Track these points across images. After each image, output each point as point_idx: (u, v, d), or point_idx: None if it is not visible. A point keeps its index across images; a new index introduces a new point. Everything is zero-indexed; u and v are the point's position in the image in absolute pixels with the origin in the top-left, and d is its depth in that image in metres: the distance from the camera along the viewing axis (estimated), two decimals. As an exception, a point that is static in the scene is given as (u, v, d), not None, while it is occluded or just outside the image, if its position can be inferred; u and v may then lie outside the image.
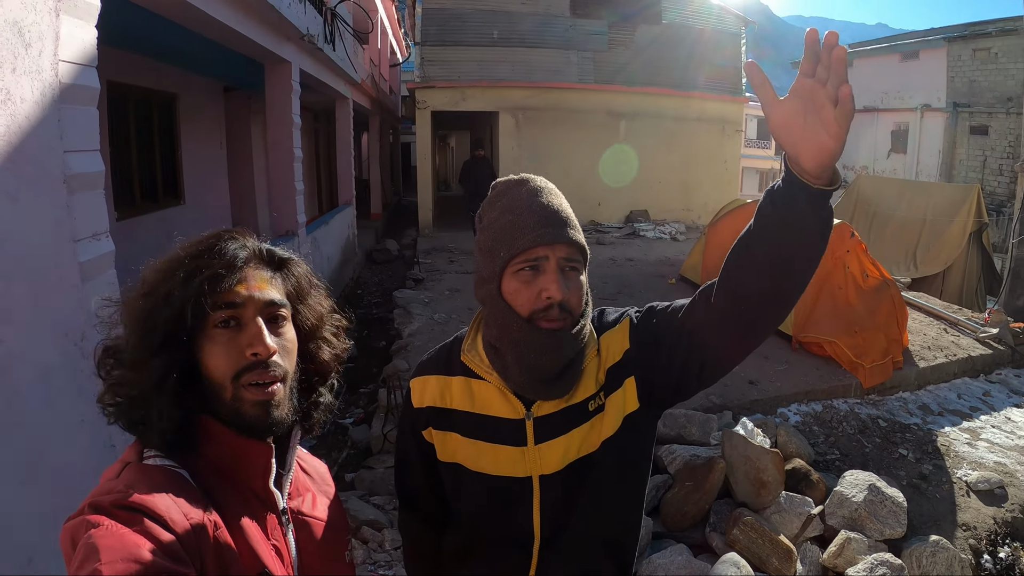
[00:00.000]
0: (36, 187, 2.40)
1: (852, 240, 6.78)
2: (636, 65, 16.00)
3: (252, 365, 1.03)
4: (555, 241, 1.27)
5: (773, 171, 34.07)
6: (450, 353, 1.49)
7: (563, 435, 1.36)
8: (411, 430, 1.50)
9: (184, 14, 4.66)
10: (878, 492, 3.86)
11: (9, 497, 2.10)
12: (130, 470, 0.96)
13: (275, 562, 1.04)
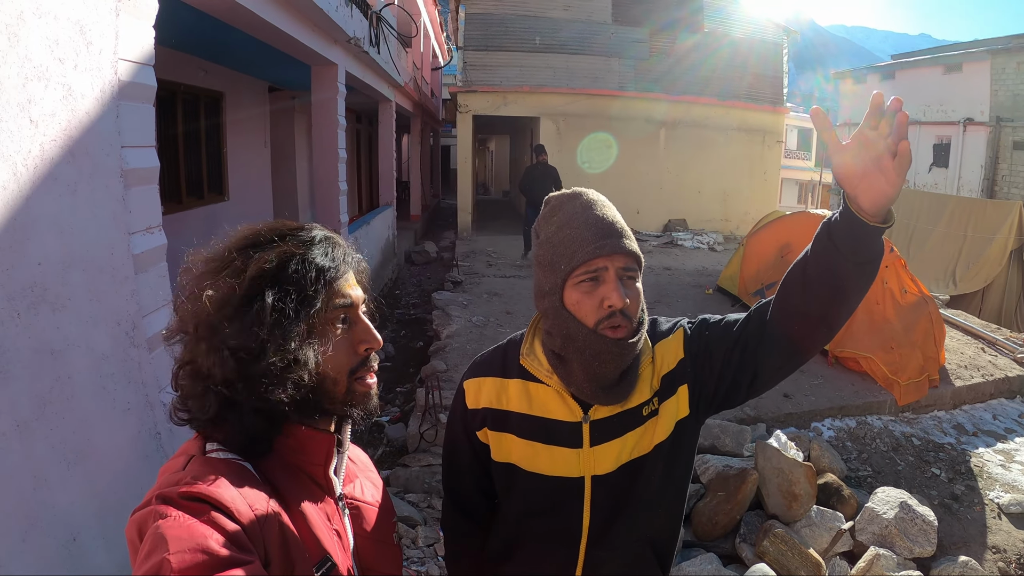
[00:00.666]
0: (94, 180, 2.49)
1: (891, 255, 6.68)
2: (677, 73, 15.93)
3: (364, 361, 1.08)
4: (613, 252, 1.32)
5: (813, 182, 33.59)
6: (505, 356, 1.53)
7: (618, 438, 1.41)
8: (464, 430, 1.54)
9: (237, 16, 4.78)
10: (909, 510, 3.81)
11: (57, 477, 2.17)
12: (195, 462, 0.97)
13: (336, 547, 1.07)
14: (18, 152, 2.05)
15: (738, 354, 1.38)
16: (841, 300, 1.25)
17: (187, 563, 0.77)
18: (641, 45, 15.86)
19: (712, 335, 1.44)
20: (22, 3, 2.05)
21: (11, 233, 2.02)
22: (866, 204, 1.15)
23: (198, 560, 0.78)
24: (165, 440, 2.87)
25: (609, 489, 1.42)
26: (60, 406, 2.23)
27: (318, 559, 1.01)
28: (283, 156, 10.99)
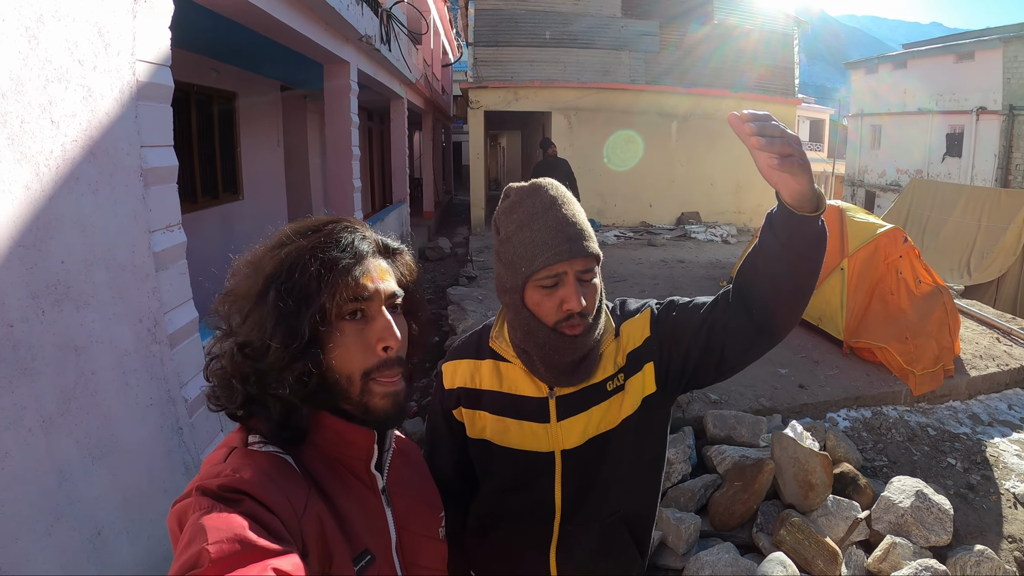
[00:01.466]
0: (115, 180, 2.53)
1: (905, 245, 6.63)
2: (687, 66, 15.84)
3: (383, 363, 1.04)
4: (572, 257, 1.34)
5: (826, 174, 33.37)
6: (479, 340, 1.60)
7: (583, 412, 1.46)
8: (442, 410, 1.60)
9: (250, 16, 4.81)
10: (925, 499, 3.79)
11: (81, 472, 2.21)
12: (236, 455, 0.98)
13: (377, 541, 1.08)
14: (40, 152, 2.08)
15: (704, 336, 1.43)
16: (790, 287, 1.32)
17: (225, 553, 0.78)
18: (651, 38, 15.79)
19: (679, 316, 1.48)
20: (41, 6, 2.09)
21: (35, 232, 2.06)
22: (786, 197, 1.23)
23: (235, 550, 0.79)
24: (187, 435, 2.91)
25: (578, 463, 1.47)
26: (84, 401, 2.26)
27: (357, 552, 1.02)
28: (296, 155, 11.04)
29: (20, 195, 1.99)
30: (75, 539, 2.12)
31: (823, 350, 6.66)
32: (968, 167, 20.35)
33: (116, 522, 2.34)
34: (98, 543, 2.23)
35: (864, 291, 6.49)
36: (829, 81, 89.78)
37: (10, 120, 1.94)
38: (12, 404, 1.91)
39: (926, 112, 22.21)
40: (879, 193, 24.35)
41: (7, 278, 1.93)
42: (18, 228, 1.98)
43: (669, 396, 1.53)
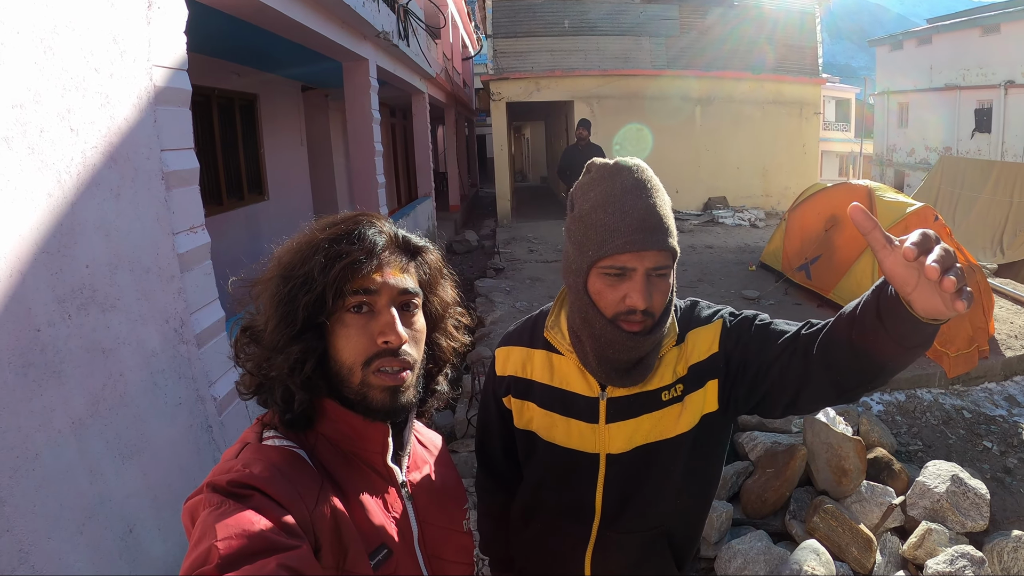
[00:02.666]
0: (136, 184, 2.57)
1: (936, 224, 6.50)
2: (709, 49, 15.66)
3: (382, 352, 1.04)
4: (644, 249, 1.25)
5: (853, 154, 32.77)
6: (534, 327, 1.56)
7: (633, 418, 1.40)
8: (493, 396, 1.58)
9: (266, 18, 4.85)
10: (961, 483, 3.73)
11: (112, 472, 2.25)
12: (248, 450, 0.99)
13: (395, 534, 1.08)
14: (61, 160, 2.12)
15: (777, 373, 1.29)
16: (883, 370, 1.14)
17: (234, 548, 0.79)
18: (671, 22, 15.63)
19: (754, 340, 1.36)
20: (55, 16, 2.12)
21: (58, 238, 2.10)
22: (919, 310, 0.98)
23: (244, 546, 0.79)
24: (217, 433, 2.96)
25: (622, 469, 1.41)
26: (113, 402, 2.31)
27: (373, 547, 1.02)
28: (320, 153, 11.13)
29: (43, 202, 2.04)
30: (107, 537, 2.16)
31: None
32: (998, 143, 19.89)
33: (147, 520, 2.39)
34: (130, 540, 2.27)
35: (895, 271, 6.39)
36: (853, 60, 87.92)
37: (29, 129, 1.98)
38: (42, 407, 1.95)
39: (953, 88, 21.73)
40: (908, 172, 23.91)
41: (33, 283, 1.97)
42: (42, 234, 2.03)
43: (731, 416, 1.44)
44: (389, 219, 1.15)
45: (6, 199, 1.89)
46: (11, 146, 1.90)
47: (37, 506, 1.87)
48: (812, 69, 16.63)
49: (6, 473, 1.78)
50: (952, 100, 21.76)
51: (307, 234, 1.08)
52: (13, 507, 1.78)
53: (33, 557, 1.82)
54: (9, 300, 1.87)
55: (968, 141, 21.20)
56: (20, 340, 1.91)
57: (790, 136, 16.48)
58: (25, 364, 1.92)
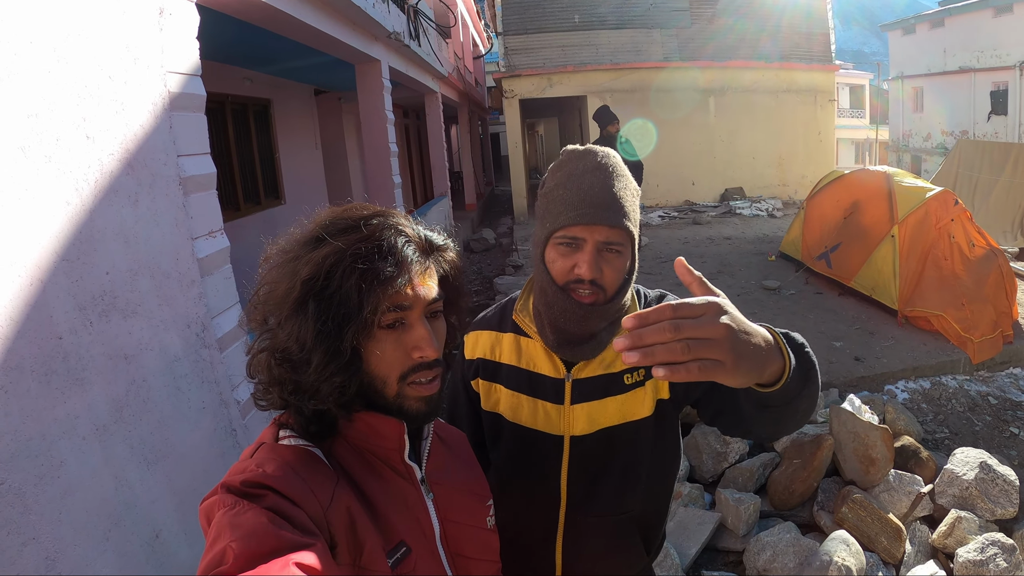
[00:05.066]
0: (154, 190, 2.58)
1: (956, 208, 6.42)
2: (721, 39, 15.57)
3: (417, 367, 1.03)
4: (593, 223, 1.31)
5: (869, 141, 32.44)
6: (503, 312, 1.60)
7: (596, 400, 1.44)
8: (462, 380, 1.60)
9: (277, 22, 4.85)
10: (989, 470, 3.67)
11: (137, 478, 2.26)
12: (263, 450, 0.99)
13: (414, 531, 1.07)
14: (78, 167, 2.13)
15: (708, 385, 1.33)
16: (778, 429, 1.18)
17: (249, 549, 0.79)
18: (682, 13, 15.54)
19: None
20: (67, 25, 2.13)
21: (78, 245, 2.11)
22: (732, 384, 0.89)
23: (259, 545, 0.79)
24: (241, 436, 2.97)
25: (587, 452, 1.44)
26: (136, 408, 2.32)
27: (392, 544, 1.02)
28: (334, 156, 11.18)
29: (61, 210, 2.05)
30: (133, 542, 2.17)
31: (878, 321, 6.52)
32: (1015, 124, 19.63)
33: (173, 524, 2.40)
34: (156, 545, 2.28)
35: (916, 258, 6.32)
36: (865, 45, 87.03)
37: (45, 138, 1.99)
38: (65, 414, 1.96)
39: (968, 70, 21.46)
40: (925, 157, 23.67)
41: (53, 291, 1.98)
42: (61, 242, 2.04)
43: (680, 406, 1.49)
44: (408, 216, 1.13)
45: (25, 208, 1.90)
46: (28, 155, 1.91)
47: (63, 513, 1.88)
48: (825, 56, 16.47)
49: (31, 481, 1.79)
50: (967, 83, 21.49)
51: (321, 237, 1.02)
52: (39, 515, 1.79)
53: (60, 565, 1.83)
54: (30, 308, 1.88)
55: (984, 124, 20.94)
56: (42, 348, 1.92)
57: (805, 124, 16.34)
58: (48, 372, 1.93)
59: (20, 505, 1.74)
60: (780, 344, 0.97)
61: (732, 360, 0.82)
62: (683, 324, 0.80)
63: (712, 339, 0.81)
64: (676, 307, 0.82)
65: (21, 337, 1.84)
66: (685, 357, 0.78)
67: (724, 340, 0.81)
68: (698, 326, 0.80)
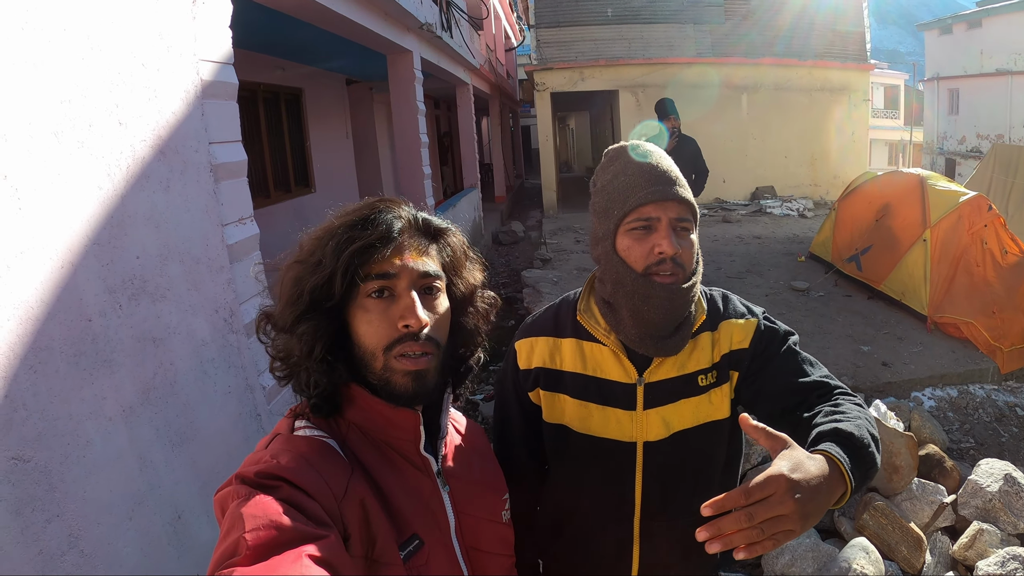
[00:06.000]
0: (185, 176, 2.61)
1: (990, 214, 6.29)
2: (754, 35, 15.36)
3: (403, 337, 1.03)
4: (665, 199, 1.30)
5: (903, 142, 31.87)
6: (557, 315, 1.52)
7: (671, 404, 1.39)
8: (515, 392, 1.53)
9: (310, 12, 4.89)
10: (1014, 483, 3.59)
11: (162, 459, 2.30)
12: (278, 441, 1.01)
13: (428, 524, 1.08)
14: (110, 153, 2.16)
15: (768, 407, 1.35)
16: None
17: (262, 539, 0.80)
18: (715, 9, 15.36)
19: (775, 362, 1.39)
20: (101, 13, 2.16)
21: (109, 229, 2.14)
22: None
23: (272, 536, 0.80)
24: (265, 421, 3.00)
25: (661, 457, 1.39)
26: (163, 391, 2.35)
27: (405, 537, 1.02)
28: (365, 146, 11.24)
29: (93, 195, 2.08)
30: (156, 523, 2.21)
31: (906, 326, 6.42)
32: (1054, 128, 19.25)
33: (196, 506, 2.44)
34: (178, 526, 2.32)
35: (948, 263, 6.21)
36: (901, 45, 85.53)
37: (79, 124, 2.02)
38: (93, 395, 2.00)
39: (1005, 72, 20.98)
40: (960, 161, 23.21)
41: (84, 275, 2.01)
42: (92, 226, 2.07)
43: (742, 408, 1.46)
44: (409, 203, 1.15)
45: (57, 192, 1.93)
46: (60, 140, 1.94)
47: (87, 492, 1.92)
48: (860, 55, 16.19)
49: (57, 460, 1.83)
50: (1004, 85, 21.04)
51: (328, 221, 1.09)
52: (63, 493, 1.83)
53: (82, 542, 1.86)
54: (61, 291, 1.92)
55: (1021, 128, 20.49)
56: (72, 330, 1.95)
57: (838, 124, 16.10)
58: (77, 353, 1.96)
59: (46, 483, 1.77)
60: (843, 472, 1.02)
61: (800, 526, 0.91)
62: (756, 511, 0.89)
63: (783, 516, 0.89)
64: (748, 493, 0.90)
65: (51, 319, 1.87)
66: (760, 539, 0.89)
67: (793, 514, 0.90)
68: (769, 508, 0.89)
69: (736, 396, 1.42)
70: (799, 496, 0.91)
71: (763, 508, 0.89)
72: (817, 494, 0.94)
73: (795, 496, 0.90)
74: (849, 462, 1.03)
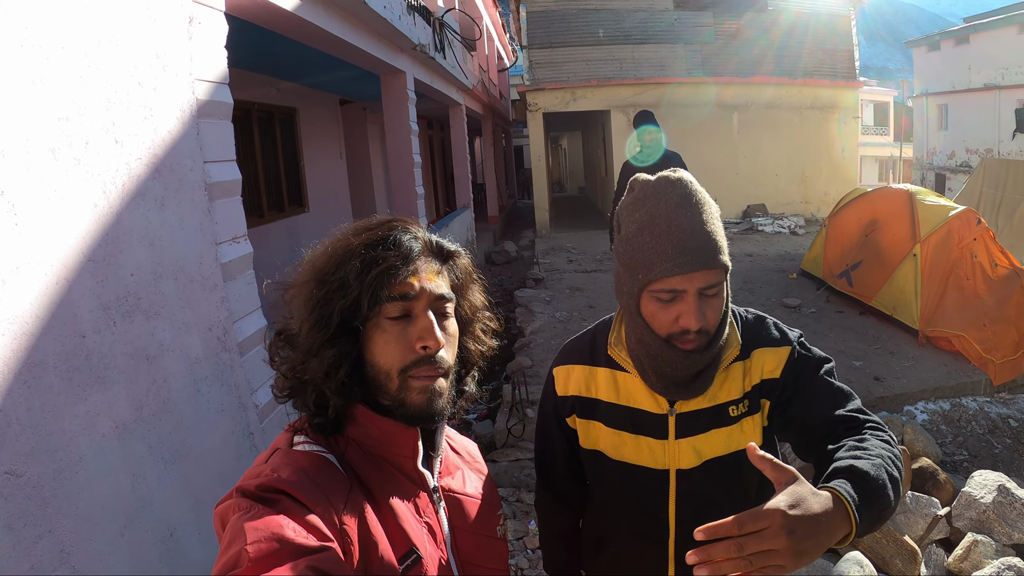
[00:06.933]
0: (180, 194, 2.63)
1: (979, 227, 6.37)
2: (745, 55, 15.52)
3: (420, 360, 1.03)
4: (693, 270, 1.23)
5: (893, 158, 32.13)
6: (593, 343, 1.54)
7: (702, 433, 1.40)
8: (555, 415, 1.56)
9: (305, 33, 4.92)
10: (1008, 494, 3.61)
11: (154, 476, 2.29)
12: (278, 455, 1.00)
13: (425, 539, 1.07)
14: (106, 171, 2.18)
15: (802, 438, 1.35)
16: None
17: (263, 552, 0.80)
18: (706, 29, 15.52)
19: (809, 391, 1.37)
20: (99, 32, 2.19)
21: (104, 247, 2.15)
22: None
23: (273, 549, 0.81)
24: (258, 439, 3.00)
25: (693, 485, 1.41)
26: (156, 408, 2.35)
27: (403, 551, 1.02)
28: (359, 165, 11.27)
29: (89, 212, 2.09)
30: (148, 540, 2.20)
31: (898, 340, 6.46)
32: (1041, 143, 19.47)
33: (188, 524, 2.43)
34: (170, 544, 2.31)
35: (938, 277, 6.26)
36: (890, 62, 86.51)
37: (75, 141, 2.04)
38: (86, 411, 2.00)
39: (993, 87, 21.25)
40: (949, 175, 23.41)
41: (79, 291, 2.02)
42: (88, 243, 2.08)
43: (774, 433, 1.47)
44: (422, 225, 1.15)
45: (53, 208, 1.94)
46: (57, 157, 1.96)
47: (80, 508, 1.92)
48: (849, 72, 16.37)
49: (50, 475, 1.83)
50: (992, 100, 21.29)
51: (341, 239, 1.08)
52: (56, 508, 1.83)
53: (74, 558, 1.86)
54: (56, 307, 1.93)
55: (1010, 142, 20.72)
56: (66, 346, 1.96)
57: (829, 141, 16.24)
58: (71, 369, 1.97)
59: (38, 498, 1.77)
60: (849, 512, 0.99)
61: (793, 563, 0.90)
62: (746, 542, 0.88)
63: (775, 551, 0.89)
64: (741, 523, 0.90)
65: (46, 334, 1.88)
66: (748, 570, 0.88)
67: (785, 550, 0.89)
68: (761, 542, 0.89)
69: (769, 421, 1.42)
70: (794, 533, 0.90)
71: (754, 541, 0.89)
72: (815, 533, 0.93)
73: (790, 532, 0.89)
74: (858, 501, 1.01)
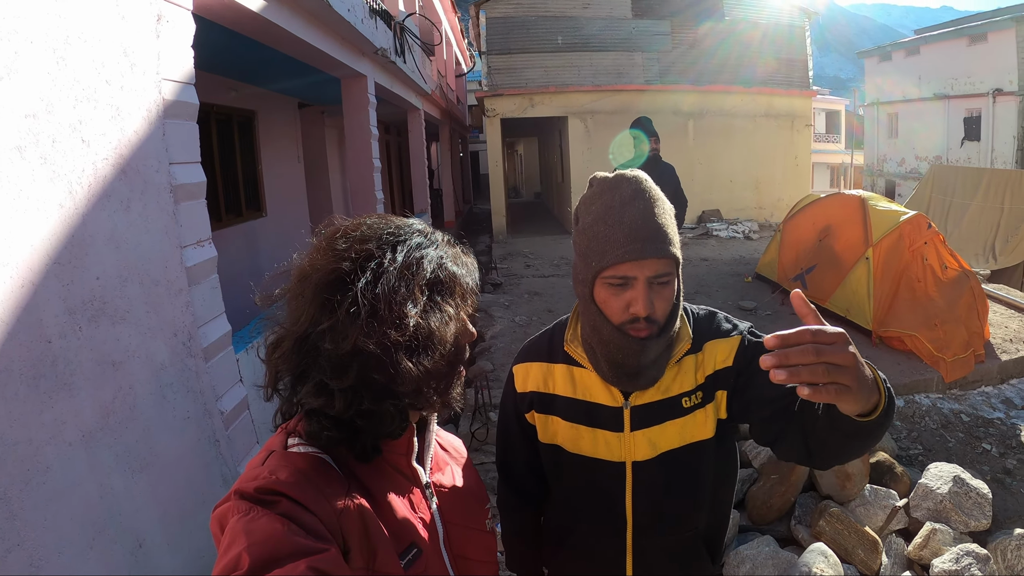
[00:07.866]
0: (146, 196, 2.56)
1: (929, 232, 6.56)
2: (701, 63, 15.81)
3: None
4: (643, 257, 1.29)
5: (844, 165, 33.00)
6: (551, 341, 1.58)
7: (657, 425, 1.43)
8: (514, 412, 1.60)
9: (268, 34, 4.86)
10: (963, 484, 3.75)
11: (121, 486, 2.23)
12: (274, 457, 1.00)
13: (423, 534, 1.09)
14: (72, 171, 2.12)
15: (767, 414, 1.33)
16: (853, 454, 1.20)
17: (263, 554, 0.80)
18: (663, 37, 15.76)
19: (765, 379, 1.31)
20: (67, 28, 2.13)
21: (70, 249, 2.09)
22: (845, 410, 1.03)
23: (273, 550, 0.81)
24: (224, 447, 2.94)
25: (650, 477, 1.44)
26: (123, 415, 2.29)
27: (404, 546, 1.03)
28: (316, 170, 11.14)
29: (54, 213, 2.03)
30: (117, 551, 2.14)
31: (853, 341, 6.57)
32: (988, 150, 20.18)
33: (157, 534, 2.37)
34: (139, 555, 2.25)
35: (890, 280, 6.44)
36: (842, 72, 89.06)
37: (42, 140, 1.98)
38: (52, 419, 1.93)
39: (942, 97, 22.05)
40: (899, 182, 24.19)
41: (44, 295, 1.96)
42: (54, 245, 2.02)
43: (736, 423, 1.49)
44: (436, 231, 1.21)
45: (18, 209, 1.88)
46: (24, 155, 1.90)
47: (48, 519, 1.85)
48: (803, 81, 16.79)
49: (17, 486, 1.76)
50: (941, 109, 22.07)
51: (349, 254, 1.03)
52: (24, 521, 1.76)
53: (44, 572, 1.79)
54: (21, 311, 1.86)
55: (958, 149, 21.46)
56: (31, 352, 1.89)
57: (782, 148, 16.61)
58: (36, 376, 1.90)
59: (5, 510, 1.71)
60: (877, 378, 1.03)
61: (856, 387, 0.92)
62: (823, 349, 0.88)
63: (844, 367, 0.89)
64: (815, 333, 0.89)
65: (11, 340, 1.81)
66: (825, 379, 0.88)
67: (852, 368, 0.90)
68: (834, 352, 0.88)
69: (728, 412, 1.44)
70: (858, 356, 0.92)
71: (830, 351, 0.88)
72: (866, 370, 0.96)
73: (855, 354, 0.91)
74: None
